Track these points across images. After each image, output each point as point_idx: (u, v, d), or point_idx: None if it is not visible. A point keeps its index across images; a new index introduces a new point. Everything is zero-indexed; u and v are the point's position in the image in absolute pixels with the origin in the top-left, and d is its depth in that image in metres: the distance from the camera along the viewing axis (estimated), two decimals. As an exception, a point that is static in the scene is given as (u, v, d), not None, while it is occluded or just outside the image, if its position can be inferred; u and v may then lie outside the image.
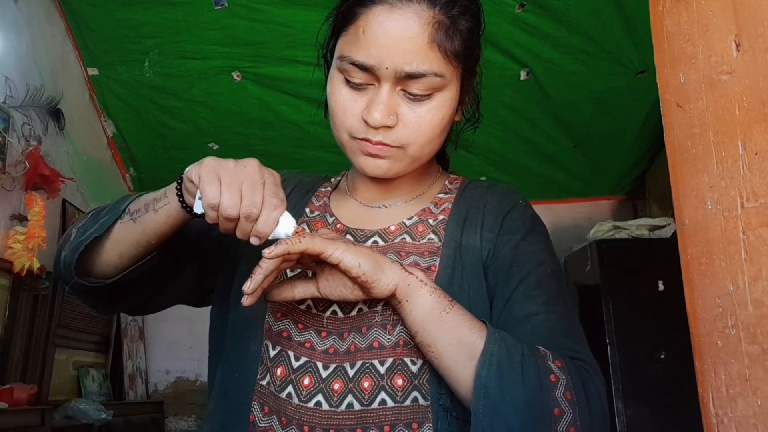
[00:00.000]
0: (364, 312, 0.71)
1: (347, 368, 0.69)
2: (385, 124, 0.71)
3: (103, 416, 2.51)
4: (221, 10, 2.61)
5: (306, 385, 0.69)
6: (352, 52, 0.70)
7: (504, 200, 0.80)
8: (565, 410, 0.62)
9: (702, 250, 0.55)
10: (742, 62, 0.52)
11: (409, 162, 0.76)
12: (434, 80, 0.70)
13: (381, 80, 0.70)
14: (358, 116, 0.72)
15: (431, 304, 0.66)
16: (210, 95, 3.03)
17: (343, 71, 0.72)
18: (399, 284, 0.66)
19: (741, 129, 0.52)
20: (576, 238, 3.53)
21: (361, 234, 0.79)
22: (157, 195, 0.72)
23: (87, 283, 0.76)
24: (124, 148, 3.42)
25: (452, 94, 0.74)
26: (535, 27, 2.64)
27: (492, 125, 3.21)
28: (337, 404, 0.67)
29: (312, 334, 0.72)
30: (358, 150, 0.74)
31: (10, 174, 2.35)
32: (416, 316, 0.66)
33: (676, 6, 0.60)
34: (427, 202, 0.82)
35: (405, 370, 0.68)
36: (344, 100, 0.73)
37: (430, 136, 0.74)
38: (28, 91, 2.51)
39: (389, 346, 0.69)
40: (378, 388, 0.68)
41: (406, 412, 0.67)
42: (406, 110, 0.71)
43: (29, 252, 2.34)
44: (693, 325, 0.57)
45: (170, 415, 3.55)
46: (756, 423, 0.48)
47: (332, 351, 0.70)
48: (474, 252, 0.74)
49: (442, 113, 0.73)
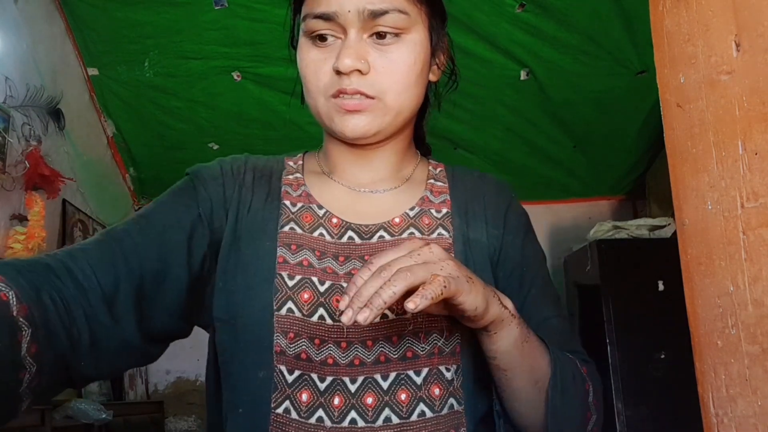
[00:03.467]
0: (390, 319, 0.67)
1: (379, 380, 0.66)
2: (356, 68, 0.68)
3: (103, 416, 2.51)
4: (221, 10, 2.61)
5: (337, 405, 0.65)
6: (313, 6, 0.70)
7: (500, 195, 0.81)
8: (593, 414, 0.70)
9: (702, 250, 0.55)
10: (742, 62, 0.52)
11: (393, 116, 0.72)
12: (399, 18, 0.69)
13: (347, 28, 0.69)
14: (330, 72, 0.70)
15: (516, 335, 0.64)
16: (210, 95, 3.03)
17: (309, 32, 0.71)
18: (495, 320, 0.63)
19: (741, 129, 0.52)
20: (576, 238, 3.53)
21: (365, 230, 0.74)
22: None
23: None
24: (124, 148, 3.42)
25: (420, 37, 0.72)
26: (535, 27, 2.64)
27: (492, 125, 3.21)
28: (373, 419, 0.65)
29: (332, 348, 0.67)
30: (335, 110, 0.71)
31: (10, 174, 2.35)
32: (501, 345, 0.64)
33: (676, 6, 0.60)
34: (421, 189, 0.79)
35: (441, 378, 0.67)
36: (314, 61, 0.71)
37: (405, 83, 0.71)
38: (28, 91, 2.51)
39: (424, 356, 0.67)
40: (416, 399, 0.66)
41: (444, 421, 0.67)
42: (377, 57, 0.70)
43: (29, 252, 2.34)
44: (693, 325, 0.57)
45: (170, 415, 3.55)
46: (756, 423, 0.48)
47: (357, 362, 0.66)
48: (482, 247, 0.75)
49: (413, 57, 0.71)
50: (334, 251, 0.72)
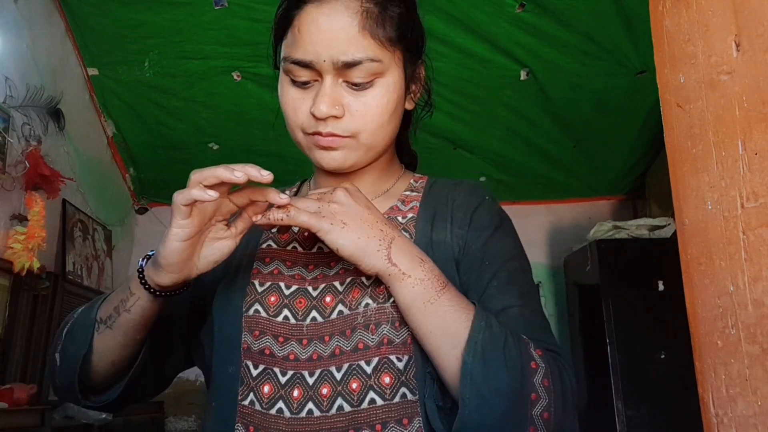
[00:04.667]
0: (345, 315, 0.72)
1: (333, 372, 0.70)
2: (331, 114, 0.73)
3: (102, 416, 2.51)
4: (221, 10, 2.61)
5: (296, 397, 0.69)
6: (291, 52, 0.74)
7: (472, 196, 0.82)
8: (541, 396, 0.64)
9: (702, 250, 0.55)
10: (742, 62, 0.52)
11: (364, 151, 0.77)
12: (372, 66, 0.72)
13: (323, 74, 0.73)
14: (307, 112, 0.75)
15: (413, 295, 0.67)
16: (210, 95, 3.03)
17: (288, 72, 0.76)
18: (380, 273, 0.68)
19: (741, 129, 0.52)
20: (576, 238, 3.53)
21: None
22: (122, 295, 0.73)
23: (95, 404, 0.78)
24: (124, 148, 3.42)
25: (395, 79, 0.76)
26: (535, 27, 2.64)
27: (492, 125, 3.21)
28: (327, 408, 0.68)
29: (294, 345, 0.72)
30: (313, 145, 0.76)
31: (10, 174, 2.35)
32: (400, 303, 0.68)
33: (676, 6, 0.60)
34: (394, 200, 0.83)
35: (391, 367, 0.69)
36: (293, 99, 0.76)
37: (379, 123, 0.75)
38: (28, 91, 2.51)
39: (373, 346, 0.70)
40: (366, 388, 0.69)
41: (396, 409, 0.68)
42: (352, 100, 0.74)
43: (29, 252, 2.34)
44: (693, 325, 0.57)
45: (170, 415, 3.55)
46: (756, 423, 0.48)
47: (315, 357, 0.71)
48: (446, 247, 0.76)
49: (386, 98, 0.75)
50: (305, 260, 0.79)
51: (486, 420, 0.63)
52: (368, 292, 0.72)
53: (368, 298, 0.71)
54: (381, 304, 0.71)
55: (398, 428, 0.68)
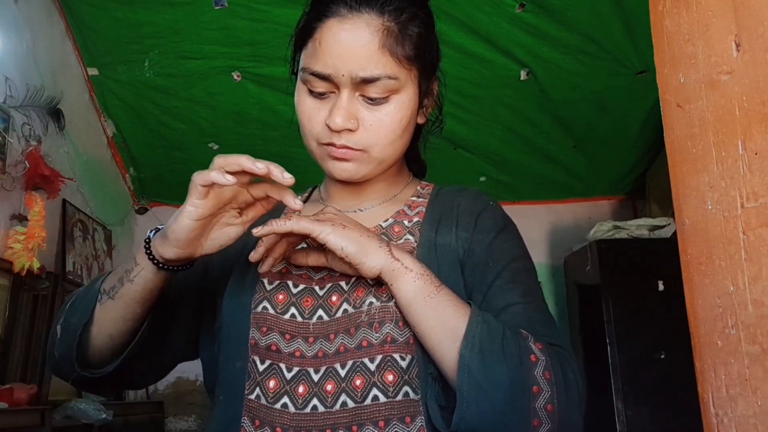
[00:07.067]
0: (350, 313, 0.73)
1: (338, 369, 0.71)
2: (346, 128, 0.75)
3: (102, 416, 2.51)
4: (221, 10, 2.61)
5: (301, 393, 0.71)
6: (311, 63, 0.76)
7: (476, 201, 0.85)
8: (543, 388, 0.65)
9: (702, 250, 0.55)
10: (742, 62, 0.52)
11: (376, 164, 0.80)
12: (389, 83, 0.75)
13: (340, 87, 0.75)
14: (323, 123, 0.77)
15: (415, 289, 0.69)
16: (210, 95, 3.03)
17: (306, 82, 0.77)
18: (383, 269, 0.70)
19: (741, 129, 0.52)
20: (576, 238, 3.53)
21: None
22: (127, 266, 0.75)
23: (89, 374, 0.78)
24: (124, 148, 3.42)
25: (409, 96, 0.78)
26: (535, 27, 2.64)
27: (492, 125, 3.21)
28: (331, 404, 0.70)
29: (300, 342, 0.74)
30: (326, 155, 0.79)
31: (10, 174, 2.35)
32: (401, 299, 0.70)
33: (676, 6, 0.60)
34: (401, 205, 0.86)
35: (395, 366, 0.71)
36: (309, 109, 0.78)
37: (391, 138, 0.78)
38: (28, 91, 2.51)
39: (377, 344, 0.71)
40: (370, 384, 0.70)
41: (398, 407, 0.70)
42: (366, 114, 0.76)
43: (29, 252, 2.33)
44: (693, 325, 0.57)
45: (170, 415, 3.55)
46: (756, 423, 0.48)
47: (321, 354, 0.72)
48: (450, 250, 0.78)
49: (400, 115, 0.77)
50: None
51: (486, 413, 0.64)
52: (372, 291, 0.73)
53: (372, 296, 0.73)
54: (384, 302, 0.72)
55: (401, 426, 0.69)
